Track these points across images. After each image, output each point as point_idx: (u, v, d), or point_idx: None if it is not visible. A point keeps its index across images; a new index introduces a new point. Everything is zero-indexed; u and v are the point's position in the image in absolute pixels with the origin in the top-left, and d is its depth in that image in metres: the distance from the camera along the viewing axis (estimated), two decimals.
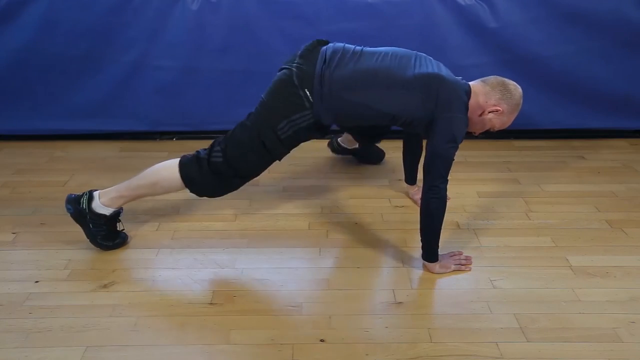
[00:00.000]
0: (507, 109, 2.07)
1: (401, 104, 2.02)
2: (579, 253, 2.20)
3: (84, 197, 2.13)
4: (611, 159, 3.06)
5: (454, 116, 1.99)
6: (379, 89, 2.01)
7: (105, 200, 2.13)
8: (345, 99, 2.01)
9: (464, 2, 2.98)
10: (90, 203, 2.12)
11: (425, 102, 2.00)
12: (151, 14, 2.95)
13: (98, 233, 2.15)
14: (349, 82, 2.01)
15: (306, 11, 2.96)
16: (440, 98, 1.99)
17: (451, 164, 1.99)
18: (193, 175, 2.09)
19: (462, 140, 2.01)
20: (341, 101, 2.01)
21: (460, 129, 2.01)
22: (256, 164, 2.12)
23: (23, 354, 1.68)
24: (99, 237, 2.16)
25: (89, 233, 2.16)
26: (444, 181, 1.98)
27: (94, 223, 2.13)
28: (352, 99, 2.01)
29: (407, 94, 2.01)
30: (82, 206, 2.12)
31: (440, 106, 1.99)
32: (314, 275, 2.07)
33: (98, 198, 2.13)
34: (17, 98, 3.07)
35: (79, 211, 2.13)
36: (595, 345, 1.74)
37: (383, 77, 2.02)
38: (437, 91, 2.00)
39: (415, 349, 1.72)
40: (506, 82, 2.09)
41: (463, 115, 2.03)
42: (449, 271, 2.07)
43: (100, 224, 2.14)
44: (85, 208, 2.12)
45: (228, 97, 3.05)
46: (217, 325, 1.81)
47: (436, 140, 1.98)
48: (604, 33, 3.03)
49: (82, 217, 2.13)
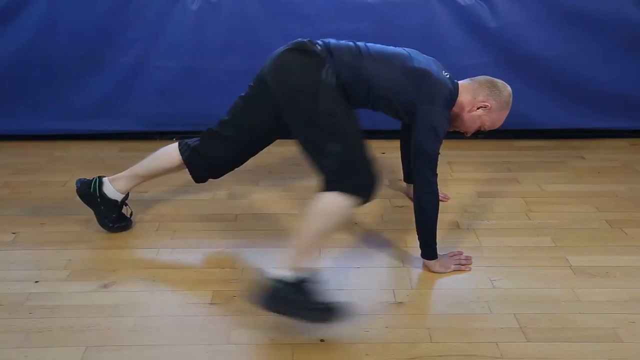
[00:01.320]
0: (496, 105, 2.08)
1: (385, 79, 1.99)
2: (579, 253, 2.20)
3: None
4: (611, 159, 3.06)
5: (435, 109, 2.00)
6: (367, 59, 1.99)
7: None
8: (340, 58, 1.95)
9: (464, 2, 2.98)
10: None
11: (408, 89, 2.00)
12: (151, 14, 2.96)
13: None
14: (342, 47, 1.98)
15: (306, 11, 2.96)
16: (422, 89, 1.99)
17: (436, 157, 1.99)
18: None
19: (444, 134, 2.01)
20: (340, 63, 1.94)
21: (441, 122, 2.00)
22: (351, 125, 1.91)
23: (23, 354, 1.68)
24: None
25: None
26: (432, 175, 1.98)
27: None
28: (343, 58, 1.95)
29: (392, 74, 2.00)
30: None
31: (422, 97, 1.99)
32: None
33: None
34: (17, 98, 3.08)
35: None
36: (595, 345, 1.73)
37: (373, 51, 2.02)
38: (420, 81, 2.00)
39: (415, 349, 1.72)
40: (494, 80, 2.12)
41: (444, 110, 2.03)
42: (449, 271, 2.07)
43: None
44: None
45: (228, 97, 3.03)
46: (217, 325, 1.81)
47: (418, 135, 1.99)
48: (604, 33, 3.03)
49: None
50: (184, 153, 2.16)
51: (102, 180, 2.23)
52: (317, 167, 1.86)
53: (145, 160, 2.24)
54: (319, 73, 1.88)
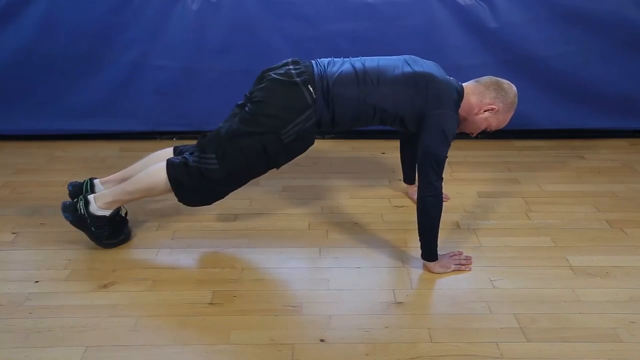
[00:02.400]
0: (503, 107, 2.08)
1: (392, 99, 2.02)
2: (579, 253, 2.20)
3: (79, 203, 2.11)
4: (611, 159, 3.06)
5: (444, 112, 2.00)
6: (370, 85, 2.01)
7: (102, 204, 2.12)
8: (341, 94, 2.00)
9: (464, 2, 2.98)
10: (88, 207, 2.11)
11: (415, 98, 2.00)
12: (151, 14, 2.96)
13: (102, 234, 2.15)
14: (342, 80, 2.01)
15: (306, 11, 2.96)
16: (430, 95, 2.00)
17: (444, 161, 1.99)
18: (182, 180, 2.04)
19: (453, 138, 2.01)
20: (337, 98, 2.00)
21: (451, 125, 2.01)
22: (254, 169, 2.09)
23: (23, 354, 1.68)
24: (103, 238, 2.16)
25: (92, 236, 2.15)
26: (438, 179, 1.98)
27: (95, 225, 2.13)
28: (346, 93, 2.00)
29: (397, 89, 2.01)
30: (80, 212, 2.11)
31: (430, 103, 1.99)
32: (314, 275, 2.07)
33: (94, 202, 2.12)
34: (17, 98, 3.07)
35: (79, 217, 2.12)
36: (595, 345, 1.74)
37: (373, 75, 2.03)
38: (426, 87, 2.00)
39: (415, 349, 1.72)
40: (500, 81, 2.11)
41: (453, 113, 2.03)
42: (449, 271, 2.07)
43: (103, 225, 2.14)
44: (85, 213, 2.11)
45: (228, 97, 3.01)
46: (217, 325, 1.81)
47: (427, 138, 1.99)
48: (604, 33, 3.03)
49: (83, 222, 2.12)
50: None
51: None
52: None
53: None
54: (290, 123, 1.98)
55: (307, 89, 1.98)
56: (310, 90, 1.98)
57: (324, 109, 2.02)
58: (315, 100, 1.99)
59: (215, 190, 2.10)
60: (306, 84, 1.99)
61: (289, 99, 1.99)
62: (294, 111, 1.98)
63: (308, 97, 1.98)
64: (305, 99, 1.98)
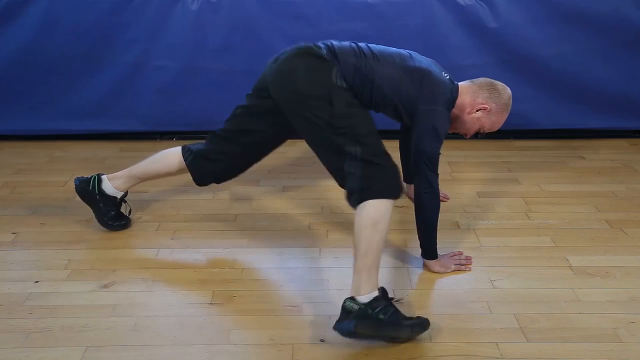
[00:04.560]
0: (496, 108, 2.08)
1: (388, 79, 1.99)
2: (579, 253, 2.20)
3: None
4: (611, 159, 3.06)
5: (435, 109, 2.00)
6: (370, 58, 1.99)
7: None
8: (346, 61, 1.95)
9: (464, 2, 2.98)
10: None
11: (409, 87, 2.00)
12: (151, 14, 2.96)
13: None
14: (347, 51, 1.99)
15: (306, 11, 2.97)
16: (423, 89, 2.00)
17: (437, 157, 1.99)
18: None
19: (445, 135, 2.01)
20: (344, 64, 1.95)
21: (442, 122, 2.01)
22: (367, 124, 1.95)
23: (23, 354, 1.68)
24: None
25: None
26: (433, 175, 1.98)
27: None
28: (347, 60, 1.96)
29: (395, 73, 2.00)
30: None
31: (422, 97, 1.99)
32: (314, 275, 2.07)
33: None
34: (17, 98, 3.08)
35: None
36: (595, 345, 1.73)
37: (374, 50, 2.03)
38: (420, 81, 2.00)
39: (415, 349, 1.71)
40: (495, 82, 2.11)
41: (444, 110, 2.03)
42: (449, 271, 2.07)
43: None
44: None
45: (228, 97, 3.02)
46: (217, 325, 1.81)
47: (418, 135, 1.99)
48: (604, 33, 3.03)
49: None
50: (187, 158, 2.16)
51: (101, 177, 2.24)
52: (338, 171, 1.88)
53: (145, 162, 2.24)
54: (330, 77, 1.89)
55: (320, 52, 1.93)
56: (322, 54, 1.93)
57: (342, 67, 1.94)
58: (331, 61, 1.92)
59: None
60: (318, 47, 1.95)
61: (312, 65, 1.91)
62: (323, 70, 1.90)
63: (326, 57, 1.92)
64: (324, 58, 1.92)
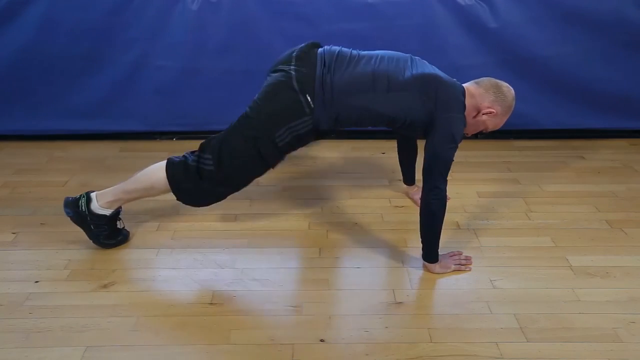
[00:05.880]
0: (501, 110, 2.08)
1: (402, 105, 2.00)
2: (579, 253, 2.20)
3: (81, 199, 2.12)
4: (611, 159, 3.06)
5: (453, 116, 1.99)
6: (379, 92, 1.98)
7: (103, 202, 2.12)
8: (345, 104, 1.97)
9: (464, 2, 2.98)
10: (89, 205, 2.12)
11: (426, 102, 1.99)
12: (151, 14, 2.96)
13: (100, 233, 2.16)
14: (349, 87, 1.97)
15: (306, 11, 2.96)
16: (440, 98, 1.99)
17: (451, 164, 1.99)
18: (180, 179, 2.04)
19: (460, 140, 2.01)
20: (341, 106, 1.97)
21: (459, 128, 2.00)
22: (250, 172, 2.07)
23: (23, 354, 1.68)
24: (101, 237, 2.16)
25: (91, 234, 2.16)
26: (443, 182, 1.98)
27: (95, 224, 2.14)
28: (352, 102, 1.98)
29: (407, 95, 1.99)
30: (81, 209, 2.12)
31: (440, 106, 1.98)
32: (314, 275, 2.07)
33: (96, 200, 2.12)
34: (17, 98, 3.07)
35: (79, 214, 2.13)
36: (595, 345, 1.74)
37: (382, 80, 1.99)
38: (435, 91, 1.99)
39: (415, 349, 1.72)
40: (500, 84, 2.10)
41: (461, 115, 2.03)
42: (449, 271, 2.07)
43: (102, 224, 2.14)
44: (85, 210, 2.11)
45: (228, 97, 3.05)
46: (217, 325, 1.81)
47: (436, 141, 1.98)
48: (604, 33, 3.03)
49: (83, 219, 2.13)
50: None
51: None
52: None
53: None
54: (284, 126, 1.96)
55: (305, 98, 1.95)
56: (308, 100, 1.94)
57: (323, 116, 1.97)
58: (314, 110, 1.95)
59: (212, 191, 2.08)
60: (305, 92, 1.95)
61: (285, 106, 1.96)
62: (289, 116, 1.96)
63: (305, 107, 1.95)
64: (302, 108, 1.95)
